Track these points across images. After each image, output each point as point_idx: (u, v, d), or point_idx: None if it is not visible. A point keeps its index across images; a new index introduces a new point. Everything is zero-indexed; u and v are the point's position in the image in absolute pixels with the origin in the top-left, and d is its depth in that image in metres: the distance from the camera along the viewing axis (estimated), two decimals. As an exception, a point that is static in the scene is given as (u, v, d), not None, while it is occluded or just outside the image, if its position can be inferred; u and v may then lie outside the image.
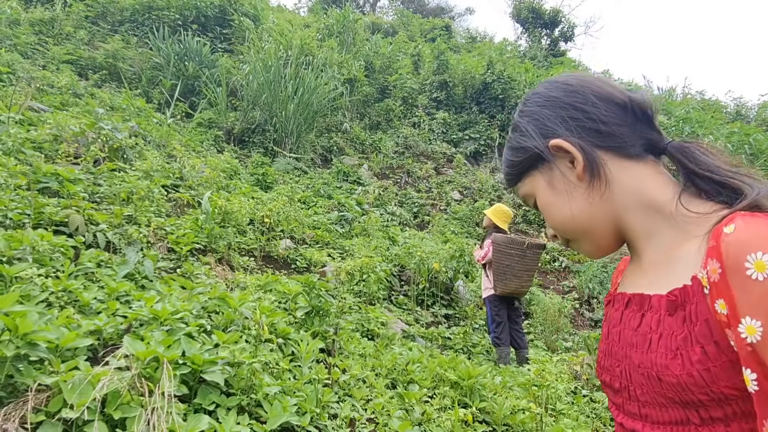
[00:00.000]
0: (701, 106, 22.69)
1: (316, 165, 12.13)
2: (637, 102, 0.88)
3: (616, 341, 0.87)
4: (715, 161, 0.84)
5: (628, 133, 0.87)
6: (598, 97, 0.88)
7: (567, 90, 0.91)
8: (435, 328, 5.44)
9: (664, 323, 0.77)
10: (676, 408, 0.76)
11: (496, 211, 5.47)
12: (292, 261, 5.48)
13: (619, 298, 0.91)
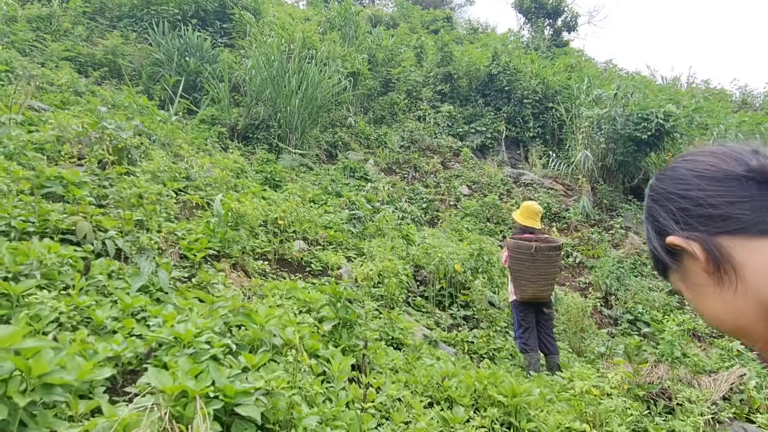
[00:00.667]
0: (707, 95, 22.43)
1: (321, 161, 11.90)
2: (756, 170, 0.75)
3: None
4: None
5: (753, 209, 0.74)
6: (706, 178, 0.78)
7: (674, 178, 0.83)
8: (456, 332, 5.23)
9: None
10: None
11: (522, 210, 5.18)
12: (307, 264, 5.27)
13: None
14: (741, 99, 25.05)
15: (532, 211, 5.11)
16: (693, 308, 0.83)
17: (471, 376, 2.97)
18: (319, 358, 2.66)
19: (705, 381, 3.80)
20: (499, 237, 10.17)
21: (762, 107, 23.44)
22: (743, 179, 0.75)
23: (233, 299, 2.83)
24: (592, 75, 15.85)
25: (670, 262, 0.82)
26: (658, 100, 13.64)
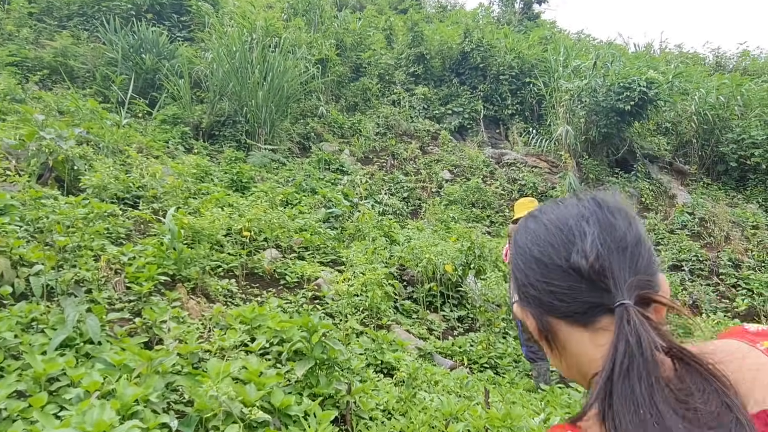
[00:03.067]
0: (682, 60, 22.15)
1: (294, 155, 11.27)
2: (574, 266, 0.78)
3: None
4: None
5: (570, 300, 0.80)
6: (536, 260, 0.84)
7: (521, 247, 0.88)
8: (452, 338, 4.74)
9: None
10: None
11: (517, 206, 4.69)
12: (281, 276, 4.71)
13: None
14: (715, 62, 24.84)
15: (529, 203, 4.61)
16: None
17: (480, 417, 2.47)
18: (290, 418, 2.13)
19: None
20: (486, 222, 9.70)
21: (736, 68, 23.27)
22: (564, 270, 0.79)
23: (179, 348, 2.28)
24: (568, 46, 15.38)
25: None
26: (638, 67, 13.23)
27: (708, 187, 12.38)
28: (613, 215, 0.83)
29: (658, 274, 0.84)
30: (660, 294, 0.80)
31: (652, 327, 0.74)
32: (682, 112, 13.59)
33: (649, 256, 0.83)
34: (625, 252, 0.80)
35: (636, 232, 0.83)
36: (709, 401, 0.69)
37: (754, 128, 12.36)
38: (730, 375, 0.71)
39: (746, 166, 12.39)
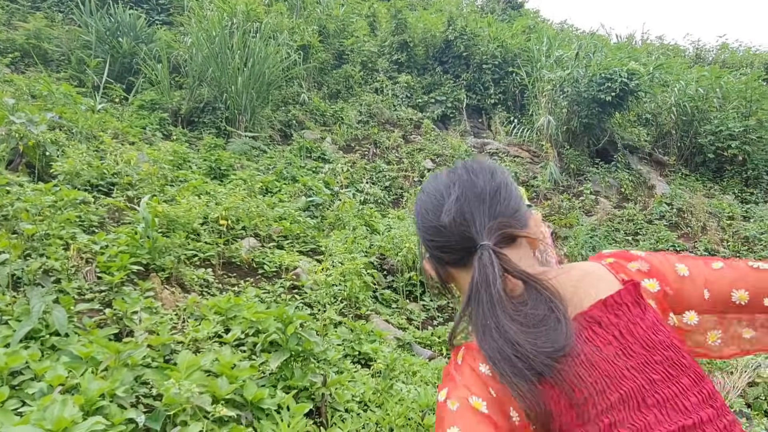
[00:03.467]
0: (662, 52, 22.32)
1: (276, 142, 11.13)
2: (444, 224, 0.99)
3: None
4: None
5: (450, 251, 1.00)
6: (425, 225, 1.04)
7: (415, 214, 1.09)
8: (432, 329, 4.73)
9: None
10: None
11: None
12: (259, 265, 4.65)
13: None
14: (695, 54, 25.08)
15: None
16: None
17: (456, 408, 2.47)
18: (262, 411, 2.08)
19: (719, 379, 3.43)
20: (467, 212, 9.70)
21: (715, 61, 23.53)
22: (438, 229, 1.00)
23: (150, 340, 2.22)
24: (551, 36, 15.38)
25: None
26: (620, 58, 13.29)
27: (686, 178, 12.54)
28: (475, 175, 1.03)
29: (522, 213, 1.03)
30: (521, 230, 1.00)
31: (504, 260, 0.94)
32: (662, 103, 13.72)
33: (509, 200, 1.02)
34: (484, 203, 1.00)
35: (494, 183, 1.03)
36: (538, 308, 0.91)
37: (731, 120, 12.52)
38: (561, 286, 0.93)
39: (723, 158, 12.57)
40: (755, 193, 12.06)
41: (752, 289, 1.00)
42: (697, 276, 1.02)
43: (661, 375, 0.89)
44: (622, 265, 1.02)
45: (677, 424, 0.86)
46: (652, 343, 0.91)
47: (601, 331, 0.92)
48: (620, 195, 11.40)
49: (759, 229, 9.77)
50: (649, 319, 0.93)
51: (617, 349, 0.90)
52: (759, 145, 12.21)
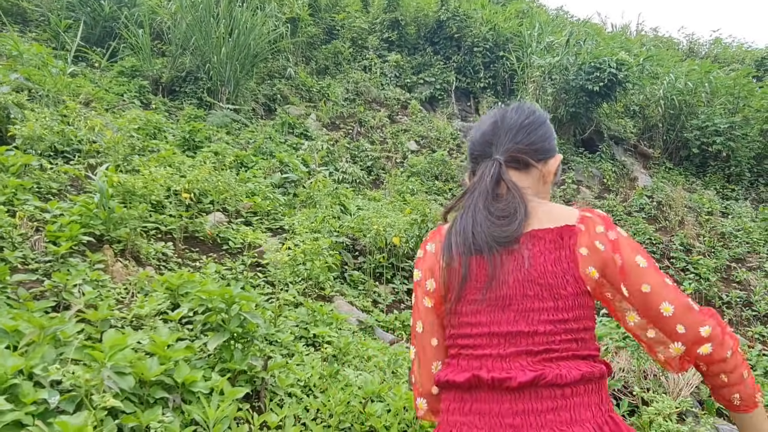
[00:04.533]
0: (656, 43, 22.21)
1: (259, 116, 10.94)
2: (476, 139, 1.38)
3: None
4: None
5: (480, 158, 1.34)
6: (468, 139, 1.44)
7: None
8: (397, 313, 4.69)
9: None
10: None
11: None
12: (223, 241, 4.56)
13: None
14: (688, 47, 24.99)
15: None
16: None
17: (401, 398, 2.41)
18: (193, 395, 2.02)
19: (673, 375, 3.43)
20: (447, 195, 9.64)
21: (707, 55, 23.48)
22: (475, 143, 1.37)
23: (90, 315, 2.13)
24: (544, 22, 15.19)
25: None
26: (610, 48, 13.17)
27: (669, 172, 12.56)
28: (514, 111, 1.36)
29: (541, 150, 1.32)
30: (530, 159, 1.31)
31: (502, 171, 1.27)
32: (650, 95, 13.66)
33: (532, 136, 1.32)
34: (510, 131, 1.32)
35: (525, 121, 1.33)
36: (507, 209, 1.20)
37: (718, 116, 12.51)
38: (532, 206, 1.22)
39: (707, 153, 12.59)
40: (736, 190, 12.12)
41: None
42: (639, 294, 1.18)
43: (534, 293, 1.13)
44: (591, 222, 1.21)
45: (517, 327, 1.13)
46: (543, 270, 1.14)
47: (518, 247, 1.17)
48: (602, 186, 11.39)
49: (735, 226, 9.83)
50: (556, 256, 1.15)
51: (519, 263, 1.15)
52: (743, 142, 12.23)
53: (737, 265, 8.85)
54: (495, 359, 1.13)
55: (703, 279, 8.24)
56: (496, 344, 1.14)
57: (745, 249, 9.26)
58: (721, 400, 1.20)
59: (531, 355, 1.11)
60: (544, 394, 1.08)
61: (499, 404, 1.10)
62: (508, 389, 1.09)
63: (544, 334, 1.11)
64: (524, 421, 1.06)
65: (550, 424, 1.05)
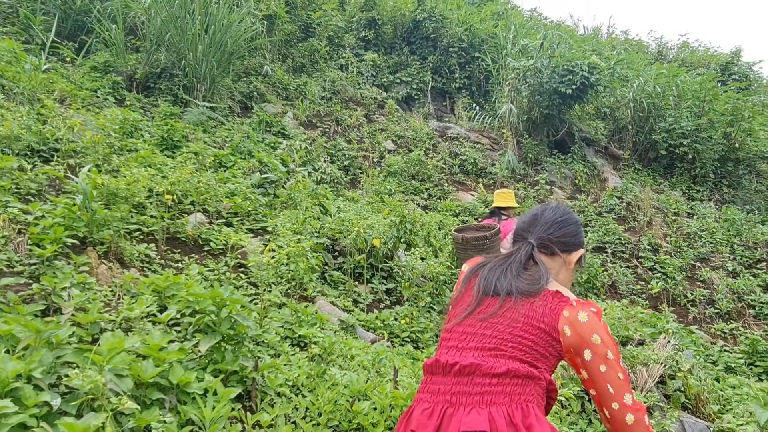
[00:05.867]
0: (626, 47, 22.74)
1: (235, 114, 10.89)
2: (519, 226, 1.79)
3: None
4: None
5: (518, 239, 1.78)
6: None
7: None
8: (377, 312, 4.78)
9: None
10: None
11: (497, 195, 5.68)
12: (205, 242, 4.58)
13: None
14: (657, 50, 25.66)
15: (499, 197, 5.55)
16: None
17: (387, 396, 2.50)
18: (187, 395, 2.08)
19: (640, 371, 3.60)
20: (424, 195, 9.78)
21: (675, 59, 24.15)
22: (517, 229, 1.78)
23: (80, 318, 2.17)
24: (519, 24, 15.45)
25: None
26: (582, 51, 13.48)
27: (638, 173, 12.93)
28: (551, 210, 1.73)
29: (567, 244, 1.68)
30: (556, 250, 1.67)
31: (532, 251, 1.64)
32: (620, 98, 14.03)
33: (561, 231, 1.68)
34: (544, 225, 1.68)
35: (558, 219, 1.70)
36: (535, 275, 1.56)
37: (684, 119, 12.92)
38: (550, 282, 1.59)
39: (675, 155, 12.99)
40: (701, 191, 12.55)
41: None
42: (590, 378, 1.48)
43: (512, 317, 1.46)
44: (584, 307, 1.52)
45: (483, 331, 1.46)
46: (534, 311, 1.47)
47: (534, 300, 1.51)
48: (574, 186, 11.67)
49: (700, 226, 10.20)
50: (544, 304, 1.50)
51: (525, 306, 1.50)
52: (708, 145, 12.65)
53: (701, 264, 9.20)
54: (456, 350, 1.46)
55: (669, 278, 8.55)
56: (462, 339, 1.47)
57: (709, 249, 9.63)
58: None
59: (482, 350, 1.42)
60: (477, 381, 1.38)
61: (445, 385, 1.40)
62: (454, 373, 1.40)
63: (498, 338, 1.43)
64: (458, 400, 1.36)
65: (473, 403, 1.34)
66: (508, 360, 1.40)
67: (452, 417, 1.34)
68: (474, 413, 1.32)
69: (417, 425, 1.37)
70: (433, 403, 1.40)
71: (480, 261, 1.69)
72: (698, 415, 3.72)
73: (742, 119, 13.00)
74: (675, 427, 3.24)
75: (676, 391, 3.68)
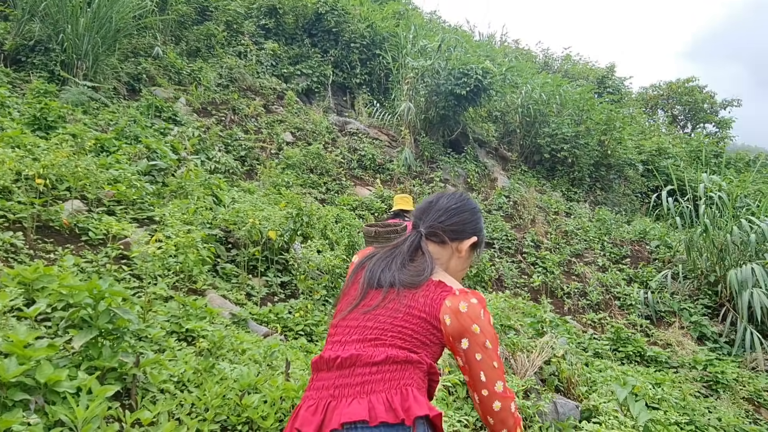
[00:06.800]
0: (516, 55, 24.13)
1: (121, 96, 10.17)
2: (414, 213, 1.80)
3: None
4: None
5: (413, 226, 1.77)
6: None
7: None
8: (270, 306, 4.70)
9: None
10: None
11: (397, 199, 5.86)
12: (82, 231, 4.23)
13: None
14: (544, 61, 27.52)
15: (406, 198, 5.71)
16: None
17: (278, 388, 2.46)
18: (58, 395, 1.91)
19: (521, 358, 3.86)
20: (322, 189, 9.75)
21: (559, 70, 26.04)
22: (414, 214, 1.79)
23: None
24: (419, 25, 15.85)
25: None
26: (477, 56, 14.12)
27: (524, 174, 13.80)
28: (445, 197, 1.71)
29: (459, 233, 1.66)
30: (446, 238, 1.65)
31: (419, 241, 1.62)
32: (510, 103, 14.85)
33: (453, 219, 1.66)
34: (437, 212, 1.66)
35: (452, 207, 1.68)
36: (419, 267, 1.56)
37: (565, 126, 13.99)
38: (435, 272, 1.58)
39: (556, 159, 14.02)
40: (578, 193, 13.67)
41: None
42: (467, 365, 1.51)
43: (394, 307, 1.47)
44: (465, 297, 1.50)
45: (365, 323, 1.46)
46: (415, 300, 1.48)
47: (416, 291, 1.51)
48: (466, 184, 12.20)
49: (576, 225, 11.10)
50: (426, 294, 1.50)
51: (407, 297, 1.49)
52: (585, 150, 13.79)
53: (576, 259, 10.02)
54: (339, 344, 1.46)
55: (549, 272, 9.22)
56: (346, 333, 1.47)
57: (583, 246, 10.51)
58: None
59: (363, 342, 1.43)
60: (358, 372, 1.38)
61: (329, 380, 1.41)
62: (336, 367, 1.41)
63: (379, 329, 1.44)
64: (340, 393, 1.36)
65: (355, 394, 1.35)
66: (387, 348, 1.40)
67: (335, 410, 1.34)
68: (355, 404, 1.33)
69: (301, 423, 1.37)
70: (317, 399, 1.39)
71: (369, 253, 1.67)
72: (569, 397, 4.07)
73: (613, 129, 14.32)
74: (548, 408, 3.52)
75: (551, 375, 4.00)
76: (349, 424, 1.30)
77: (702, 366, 6.71)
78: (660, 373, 6.19)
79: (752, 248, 8.32)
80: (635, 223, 12.24)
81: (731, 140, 28.97)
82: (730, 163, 18.10)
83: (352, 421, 1.30)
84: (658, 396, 4.82)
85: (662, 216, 12.29)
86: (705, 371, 6.62)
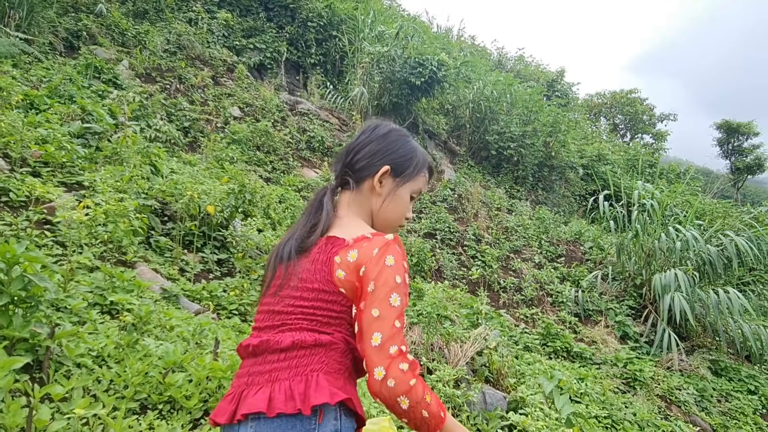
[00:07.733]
0: (472, 51, 24.39)
1: (57, 52, 9.55)
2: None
3: None
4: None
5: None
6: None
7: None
8: (205, 282, 4.54)
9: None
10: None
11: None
12: (3, 191, 3.93)
13: None
14: (498, 59, 27.98)
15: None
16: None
17: (205, 368, 2.36)
18: (-42, 366, 1.75)
19: (454, 348, 3.91)
20: (268, 168, 9.52)
21: (512, 69, 26.56)
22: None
23: None
24: (377, 10, 15.70)
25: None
26: (434, 47, 14.15)
27: (471, 169, 14.00)
28: (359, 133, 1.50)
29: (368, 168, 1.43)
30: (348, 178, 1.45)
31: (322, 197, 1.44)
32: (462, 97, 15.00)
33: (356, 156, 1.45)
34: (348, 155, 1.47)
35: (355, 144, 1.47)
36: (315, 225, 1.41)
37: (514, 125, 14.27)
38: (334, 225, 1.41)
39: (503, 156, 14.30)
40: (521, 191, 14.01)
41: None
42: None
43: (294, 284, 1.34)
44: (364, 242, 1.31)
45: (275, 308, 1.36)
46: (305, 267, 1.34)
47: (310, 254, 1.37)
48: (414, 175, 12.24)
49: (517, 222, 11.38)
50: (316, 258, 1.34)
51: (302, 264, 1.36)
52: (531, 150, 14.14)
53: (514, 255, 10.27)
54: (256, 331, 1.39)
55: (487, 266, 9.41)
56: (261, 320, 1.39)
57: (522, 242, 10.79)
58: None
59: (273, 328, 1.34)
60: (268, 359, 1.30)
61: (244, 368, 1.35)
62: (249, 354, 1.35)
63: (284, 313, 1.33)
64: (252, 380, 1.29)
65: (262, 383, 1.27)
66: (294, 332, 1.30)
67: (245, 399, 1.26)
68: (260, 393, 1.24)
69: (216, 413, 1.29)
70: (236, 388, 1.31)
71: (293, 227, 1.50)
72: (498, 388, 4.16)
73: (559, 131, 14.74)
74: (477, 398, 3.59)
75: (482, 366, 4.08)
76: (251, 414, 1.22)
77: (623, 363, 7.04)
78: (584, 369, 6.45)
79: (677, 255, 8.78)
80: (572, 224, 12.68)
81: (665, 152, 30.58)
82: (663, 173, 19.07)
83: (252, 412, 1.22)
84: (581, 390, 5.02)
85: (597, 219, 12.78)
86: (625, 369, 6.96)
